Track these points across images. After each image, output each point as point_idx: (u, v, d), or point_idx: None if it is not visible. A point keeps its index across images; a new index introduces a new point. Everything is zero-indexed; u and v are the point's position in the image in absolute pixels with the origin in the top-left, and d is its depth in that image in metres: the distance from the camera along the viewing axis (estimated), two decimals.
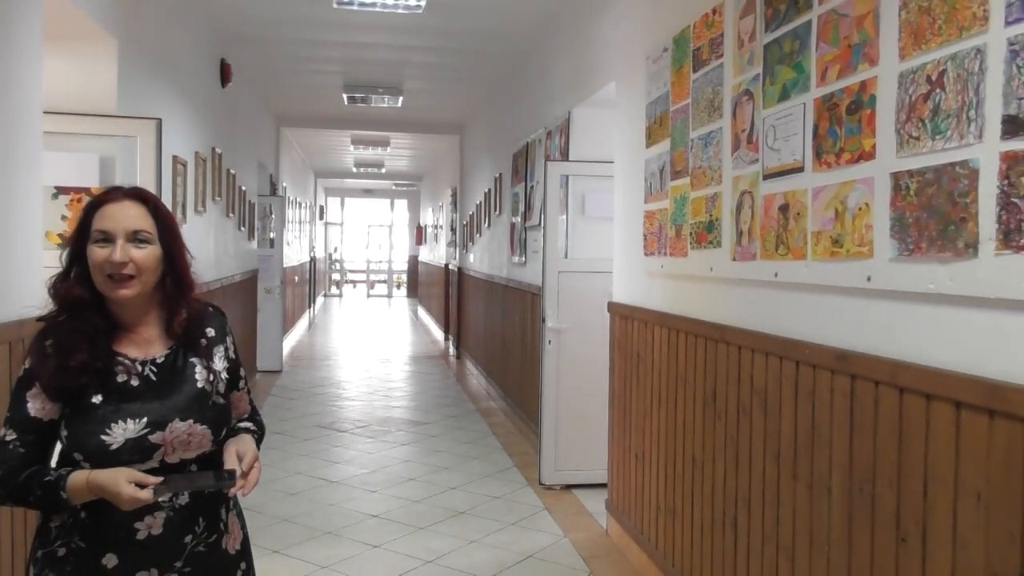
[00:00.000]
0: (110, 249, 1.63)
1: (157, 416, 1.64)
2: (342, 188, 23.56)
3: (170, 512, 1.66)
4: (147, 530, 1.64)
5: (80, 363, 1.62)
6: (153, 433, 1.63)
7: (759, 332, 2.79)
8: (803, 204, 2.49)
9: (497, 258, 8.36)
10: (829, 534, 2.36)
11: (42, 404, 1.62)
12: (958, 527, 1.86)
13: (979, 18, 1.78)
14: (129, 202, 1.68)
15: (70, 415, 1.62)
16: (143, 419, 1.63)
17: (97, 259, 1.63)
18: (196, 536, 1.70)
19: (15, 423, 1.62)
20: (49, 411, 1.62)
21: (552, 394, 5.21)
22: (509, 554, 4.11)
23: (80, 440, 1.61)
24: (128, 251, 1.64)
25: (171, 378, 1.70)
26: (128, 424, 1.62)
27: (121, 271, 1.63)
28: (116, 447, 1.60)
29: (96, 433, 1.60)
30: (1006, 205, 1.71)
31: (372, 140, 13.01)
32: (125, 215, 1.66)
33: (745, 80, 2.89)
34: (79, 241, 1.66)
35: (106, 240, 1.64)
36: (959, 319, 1.89)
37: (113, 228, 1.64)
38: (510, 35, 6.65)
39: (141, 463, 1.62)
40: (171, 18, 5.26)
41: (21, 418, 1.62)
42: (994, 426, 1.75)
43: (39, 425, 1.62)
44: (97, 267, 1.63)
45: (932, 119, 1.92)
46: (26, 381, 1.63)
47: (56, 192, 3.71)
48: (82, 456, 1.61)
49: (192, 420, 1.67)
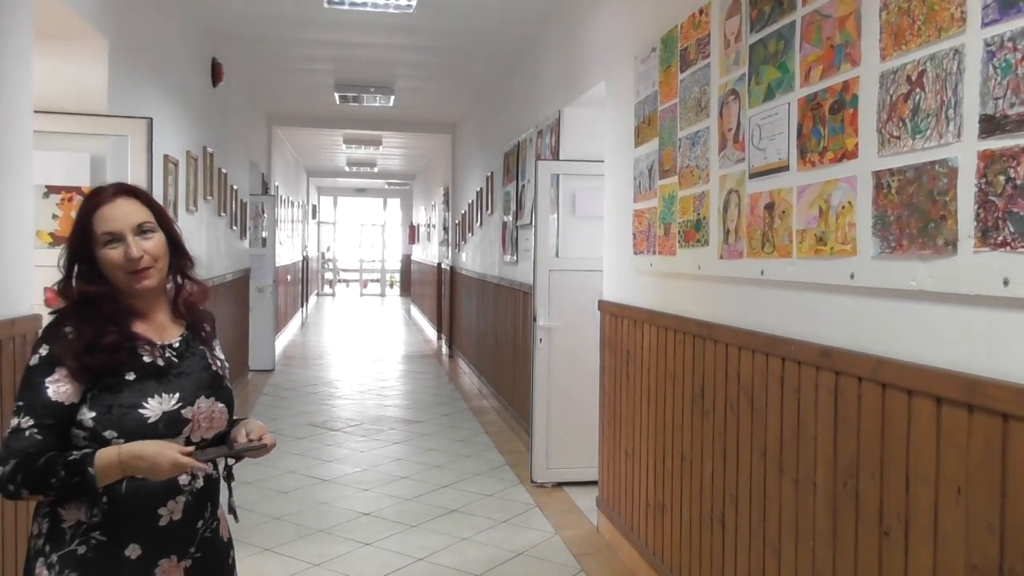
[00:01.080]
0: (122, 247, 1.69)
1: (186, 392, 1.71)
2: (334, 187, 23.54)
3: (188, 496, 1.70)
4: (169, 516, 1.67)
5: (112, 342, 1.65)
6: (184, 408, 1.69)
7: (746, 329, 2.81)
8: (788, 203, 2.52)
9: (489, 257, 8.38)
10: (814, 528, 2.39)
11: (64, 387, 1.62)
12: (939, 520, 1.89)
13: (957, 19, 1.80)
14: (121, 199, 1.73)
15: (96, 395, 1.63)
16: (176, 394, 1.69)
17: (114, 260, 1.68)
18: (205, 521, 1.75)
19: (31, 409, 1.61)
20: (71, 394, 1.62)
21: (543, 392, 5.23)
22: (501, 552, 4.13)
23: (116, 416, 1.62)
24: (140, 244, 1.70)
25: (189, 360, 1.76)
26: (163, 397, 1.67)
27: (140, 265, 1.69)
28: (153, 420, 1.63)
29: (135, 407, 1.63)
30: (984, 203, 1.74)
31: (364, 139, 13.02)
32: (125, 212, 1.71)
33: (731, 80, 2.91)
34: (80, 244, 1.70)
35: (115, 240, 1.69)
36: (939, 315, 1.92)
37: (119, 227, 1.70)
38: (501, 35, 6.67)
39: (172, 439, 1.65)
40: (162, 17, 5.26)
41: (40, 403, 1.61)
42: (973, 420, 1.78)
43: (59, 409, 1.62)
44: (116, 267, 1.69)
45: (912, 119, 1.95)
46: (44, 367, 1.63)
47: (47, 191, 3.72)
48: (117, 432, 1.61)
49: (214, 398, 1.75)
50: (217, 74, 6.90)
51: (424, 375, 9.81)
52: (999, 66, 1.69)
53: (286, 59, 7.75)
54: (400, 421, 7.17)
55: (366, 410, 7.63)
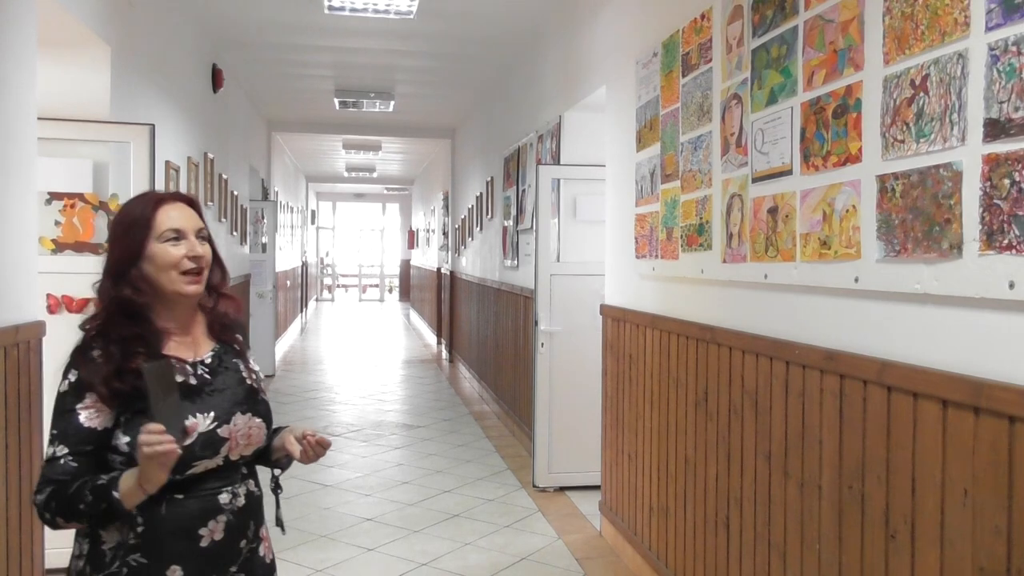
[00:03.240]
0: (184, 245, 1.68)
1: (221, 410, 1.67)
2: (334, 192, 23.55)
3: (230, 516, 1.68)
4: (210, 536, 1.64)
5: (140, 366, 1.59)
6: (220, 427, 1.65)
7: (749, 333, 2.82)
8: (791, 206, 2.52)
9: (489, 261, 8.39)
10: (820, 532, 2.39)
11: (96, 413, 1.59)
12: (946, 523, 1.89)
13: (961, 23, 1.81)
14: (182, 203, 1.74)
15: (129, 419, 1.59)
16: (210, 413, 1.65)
17: (173, 256, 1.66)
18: (248, 541, 1.73)
19: (65, 437, 1.58)
20: (103, 420, 1.59)
21: (545, 396, 5.23)
22: (503, 556, 4.13)
23: None
24: (200, 246, 1.71)
25: (222, 376, 1.73)
26: (198, 418, 1.63)
27: (200, 264, 1.70)
28: (188, 442, 1.59)
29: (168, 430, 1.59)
30: (988, 206, 1.74)
31: (364, 144, 13.02)
32: (189, 214, 1.72)
33: (734, 84, 2.92)
34: (139, 242, 1.66)
35: (178, 238, 1.68)
36: (944, 318, 1.92)
37: (185, 226, 1.70)
38: (501, 40, 6.69)
39: (210, 459, 1.63)
40: (163, 24, 5.27)
41: (74, 431, 1.58)
42: (979, 423, 1.79)
43: (92, 435, 1.59)
44: (171, 264, 1.66)
45: (916, 122, 1.96)
46: (74, 393, 1.60)
47: (49, 198, 3.72)
48: None
49: (251, 413, 1.72)
50: (217, 80, 6.91)
51: (424, 380, 9.80)
52: (1003, 70, 1.70)
53: (286, 65, 7.76)
54: (401, 426, 7.17)
55: (367, 415, 7.63)
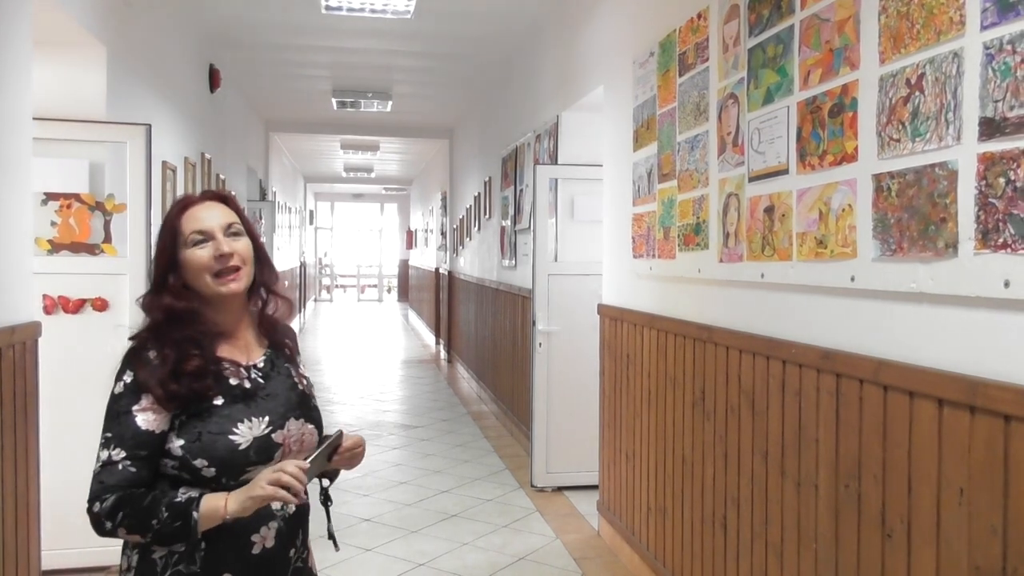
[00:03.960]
0: (211, 247, 1.62)
1: (275, 415, 1.63)
2: (332, 193, 23.54)
3: (281, 523, 1.64)
4: (261, 543, 1.61)
5: (197, 367, 1.57)
6: (275, 432, 1.61)
7: (746, 332, 2.82)
8: (788, 206, 2.52)
9: (487, 261, 8.38)
10: (816, 531, 2.39)
11: (154, 416, 1.55)
12: (942, 522, 1.89)
13: (956, 22, 1.81)
14: (210, 202, 1.69)
15: (184, 423, 1.56)
16: (265, 417, 1.61)
17: (201, 260, 1.62)
18: (296, 550, 1.70)
19: (123, 440, 1.53)
20: (160, 422, 1.55)
21: (543, 396, 5.23)
22: (501, 556, 4.13)
23: (205, 444, 1.55)
24: (230, 243, 1.64)
25: (275, 380, 1.69)
26: (253, 422, 1.59)
27: (229, 263, 1.63)
28: (245, 446, 1.56)
29: (224, 433, 1.56)
30: (984, 205, 1.75)
31: (361, 145, 13.02)
32: (213, 213, 1.66)
33: (730, 84, 2.92)
34: (169, 250, 1.63)
35: (204, 240, 1.62)
36: (940, 317, 1.92)
37: (209, 226, 1.63)
38: (499, 40, 6.69)
39: (264, 465, 1.58)
40: (160, 24, 5.27)
41: (131, 434, 1.53)
42: (975, 422, 1.79)
43: (150, 438, 1.54)
44: (203, 268, 1.62)
45: (912, 121, 1.96)
46: (131, 395, 1.55)
47: (45, 198, 3.72)
48: (207, 461, 1.54)
49: (303, 419, 1.68)
50: (215, 80, 6.91)
51: (422, 380, 9.80)
52: (998, 69, 1.70)
53: (283, 65, 7.76)
54: (399, 426, 7.16)
55: (365, 415, 7.63)
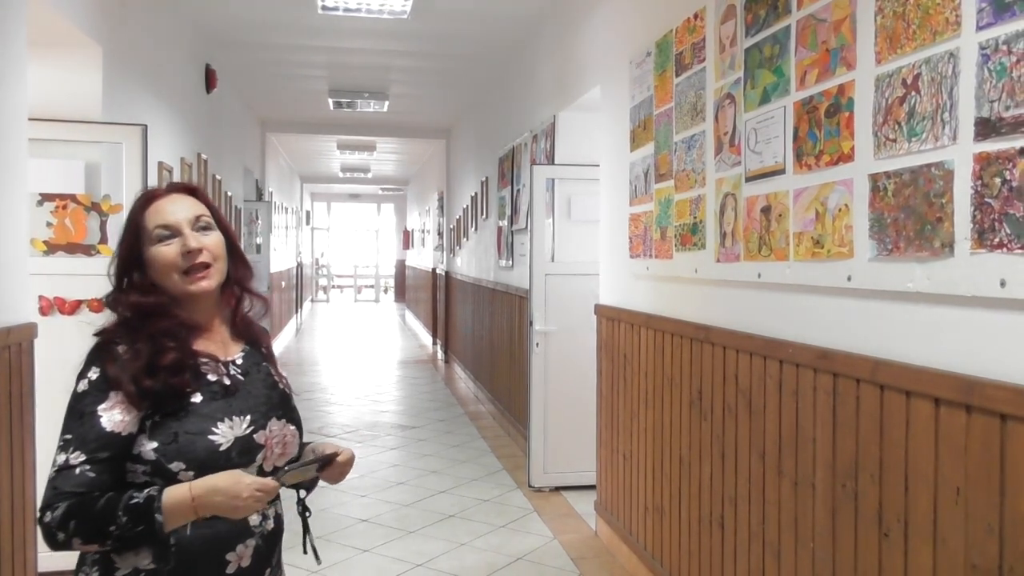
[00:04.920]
0: (178, 242, 1.49)
1: (257, 414, 1.52)
2: (328, 193, 23.53)
3: (259, 540, 1.54)
4: (237, 562, 1.49)
5: (173, 361, 1.45)
6: (256, 432, 1.50)
7: (743, 332, 2.82)
8: (785, 206, 2.52)
9: (484, 262, 8.38)
10: (814, 530, 2.39)
11: (121, 416, 1.40)
12: (938, 521, 1.89)
13: (952, 23, 1.82)
14: (176, 195, 1.55)
15: (158, 423, 1.42)
16: (247, 416, 1.50)
17: (168, 257, 1.49)
18: (272, 569, 1.60)
19: (83, 442, 1.38)
20: (128, 424, 1.41)
21: (540, 396, 5.24)
22: (499, 556, 4.12)
23: (183, 445, 1.42)
24: (198, 238, 1.51)
25: (254, 378, 1.58)
26: (234, 421, 1.48)
27: (197, 260, 1.50)
28: (226, 447, 1.45)
29: (204, 433, 1.44)
30: (980, 205, 1.75)
31: (358, 145, 13.01)
32: (180, 205, 1.53)
33: (727, 84, 2.93)
34: (132, 246, 1.51)
35: (170, 235, 1.50)
36: (937, 317, 1.93)
37: (174, 220, 1.51)
38: (495, 40, 6.68)
39: (245, 468, 1.48)
40: (156, 25, 5.26)
41: (94, 435, 1.38)
42: (971, 421, 1.79)
43: (115, 441, 1.40)
44: (170, 266, 1.49)
45: (908, 122, 1.96)
46: (97, 392, 1.41)
47: (41, 199, 3.71)
48: (185, 464, 1.41)
49: (285, 419, 1.57)
50: (211, 81, 6.90)
51: (419, 380, 9.80)
52: (994, 69, 1.70)
53: (280, 65, 7.75)
54: (396, 427, 7.16)
55: (362, 416, 7.62)
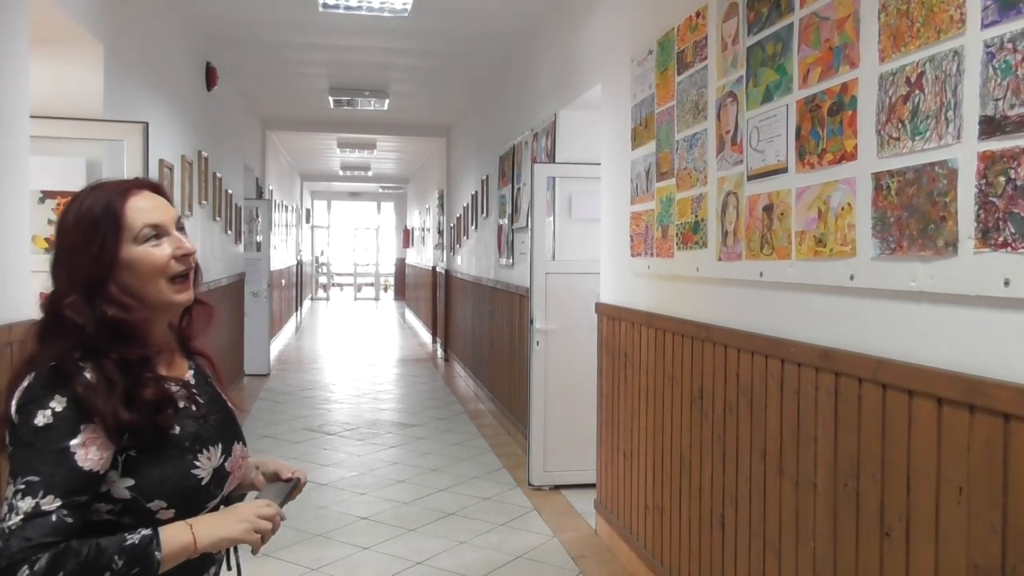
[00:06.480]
0: (168, 243, 1.35)
1: (224, 440, 1.42)
2: (328, 191, 23.52)
3: (217, 566, 1.44)
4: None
5: (156, 396, 1.31)
6: (227, 460, 1.41)
7: (745, 331, 2.82)
8: (787, 204, 2.52)
9: (484, 260, 8.38)
10: (815, 529, 2.39)
11: (98, 453, 1.24)
12: (941, 521, 1.89)
13: (956, 21, 1.81)
14: (150, 192, 1.39)
15: (134, 458, 1.29)
16: (219, 444, 1.40)
17: (158, 260, 1.33)
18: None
19: (53, 484, 1.20)
20: (105, 461, 1.25)
21: (540, 395, 5.23)
22: (499, 555, 4.12)
23: (165, 482, 1.30)
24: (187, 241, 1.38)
25: (212, 399, 1.47)
26: (210, 451, 1.37)
27: (190, 263, 1.37)
28: (206, 480, 1.35)
29: (187, 469, 1.33)
30: (984, 204, 1.75)
31: (358, 143, 13.00)
32: (162, 204, 1.38)
33: (729, 82, 2.92)
34: (108, 245, 1.31)
35: (158, 235, 1.34)
36: (940, 316, 1.92)
37: (163, 220, 1.35)
38: (496, 38, 6.68)
39: (216, 499, 1.39)
40: (157, 22, 5.25)
41: (68, 475, 1.21)
42: (975, 421, 1.79)
43: (93, 481, 1.24)
44: (160, 270, 1.34)
45: (912, 120, 1.96)
46: (63, 426, 1.23)
47: (42, 196, 3.70)
48: (167, 502, 1.30)
49: (242, 443, 1.48)
50: (211, 78, 6.90)
51: (419, 379, 9.79)
52: (999, 67, 1.70)
53: (280, 63, 7.74)
54: (396, 425, 7.16)
55: (362, 414, 7.62)
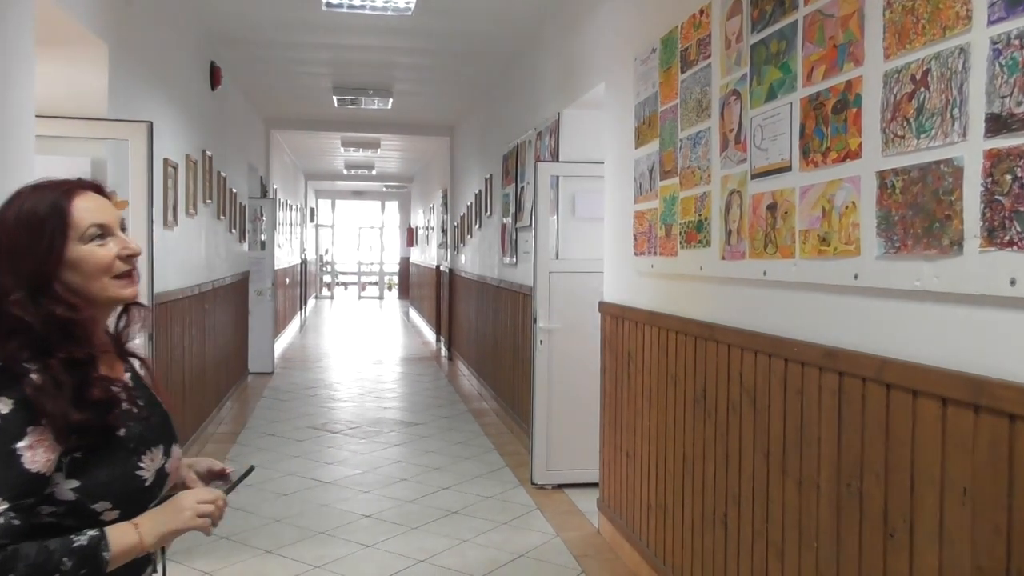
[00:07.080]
0: (113, 243, 1.38)
1: (165, 441, 1.43)
2: (332, 190, 23.53)
3: (153, 569, 1.46)
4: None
5: (103, 397, 1.33)
6: (167, 461, 1.43)
7: (748, 330, 2.81)
8: (791, 203, 2.51)
9: (488, 259, 8.38)
10: (818, 530, 2.38)
11: (45, 454, 1.25)
12: (945, 522, 1.88)
13: (962, 17, 1.80)
14: (92, 192, 1.42)
15: (79, 460, 1.30)
16: (160, 446, 1.41)
17: (103, 259, 1.36)
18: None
19: (3, 488, 1.22)
20: (51, 463, 1.26)
21: (544, 394, 5.23)
22: (501, 553, 4.12)
23: (110, 483, 1.32)
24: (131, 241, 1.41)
25: (149, 401, 1.47)
26: (154, 453, 1.39)
27: (134, 265, 1.40)
28: (150, 483, 1.37)
29: (131, 469, 1.35)
30: (990, 202, 1.73)
31: (362, 142, 13.00)
32: (104, 204, 1.41)
33: (732, 80, 2.91)
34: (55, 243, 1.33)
35: (103, 235, 1.37)
36: (945, 315, 1.91)
37: (109, 220, 1.38)
38: (500, 37, 6.67)
39: (157, 498, 1.41)
40: (161, 22, 5.26)
41: (17, 479, 1.22)
42: (979, 421, 1.78)
43: (40, 484, 1.25)
44: (105, 268, 1.36)
45: (917, 118, 1.95)
46: (13, 427, 1.24)
47: None
48: (111, 503, 1.32)
49: (177, 444, 1.48)
50: (216, 78, 6.90)
51: (423, 377, 9.79)
52: (1006, 64, 1.68)
53: (284, 62, 7.74)
54: (400, 423, 7.16)
55: (365, 412, 7.62)
